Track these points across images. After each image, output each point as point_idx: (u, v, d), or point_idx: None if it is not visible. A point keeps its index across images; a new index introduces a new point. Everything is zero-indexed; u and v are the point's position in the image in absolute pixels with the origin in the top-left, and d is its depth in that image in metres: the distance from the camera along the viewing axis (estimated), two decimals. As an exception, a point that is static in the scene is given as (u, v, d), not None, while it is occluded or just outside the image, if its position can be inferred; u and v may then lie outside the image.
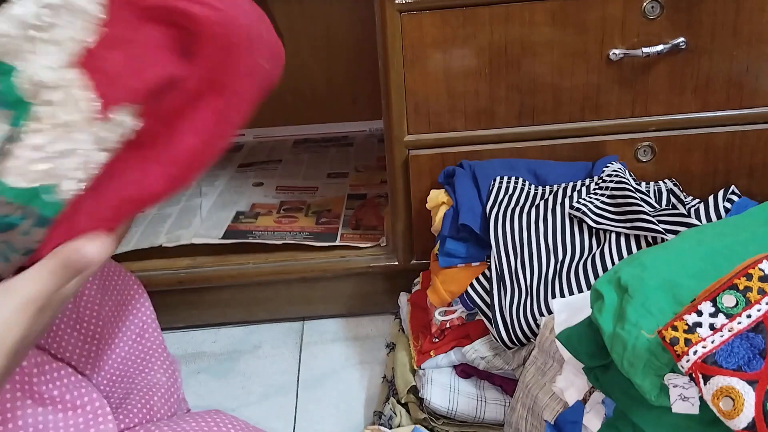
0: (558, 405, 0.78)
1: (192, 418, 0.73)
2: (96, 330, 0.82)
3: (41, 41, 0.46)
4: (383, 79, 1.07)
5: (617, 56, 1.02)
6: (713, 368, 0.55)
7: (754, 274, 0.58)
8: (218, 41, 0.49)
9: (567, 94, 1.06)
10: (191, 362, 1.25)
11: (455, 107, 1.07)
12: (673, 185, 1.07)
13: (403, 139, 1.10)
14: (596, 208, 0.98)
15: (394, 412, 1.03)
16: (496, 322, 0.93)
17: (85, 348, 0.81)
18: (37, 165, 0.46)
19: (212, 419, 0.73)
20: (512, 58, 1.04)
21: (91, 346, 0.81)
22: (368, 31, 1.15)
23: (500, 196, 1.02)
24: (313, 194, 1.43)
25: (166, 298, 1.23)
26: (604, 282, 0.67)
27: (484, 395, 1.00)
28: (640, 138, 1.09)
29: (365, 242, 1.25)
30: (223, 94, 0.51)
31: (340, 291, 1.29)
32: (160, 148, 0.51)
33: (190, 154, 0.51)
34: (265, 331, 1.30)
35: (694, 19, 1.01)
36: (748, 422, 0.54)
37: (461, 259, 1.01)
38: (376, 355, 1.23)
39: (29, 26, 0.45)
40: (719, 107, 1.07)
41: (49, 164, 0.46)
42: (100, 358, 0.82)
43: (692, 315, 0.58)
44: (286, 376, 1.21)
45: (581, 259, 0.95)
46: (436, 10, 1.01)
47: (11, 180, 0.45)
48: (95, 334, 0.82)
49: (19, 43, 0.45)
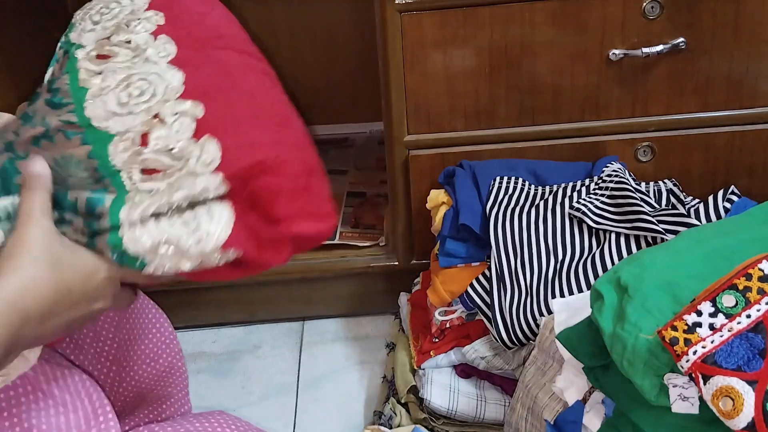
0: (558, 405, 0.78)
1: (196, 419, 0.74)
2: (110, 352, 0.82)
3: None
4: (383, 79, 1.07)
5: (617, 56, 1.02)
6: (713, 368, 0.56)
7: (753, 274, 0.58)
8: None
9: (567, 95, 1.06)
10: (191, 362, 1.25)
11: (455, 107, 1.07)
12: (673, 185, 1.07)
13: (403, 139, 1.10)
14: (596, 208, 0.98)
15: (394, 412, 1.03)
16: (496, 322, 0.93)
17: (103, 371, 0.81)
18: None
19: (216, 420, 0.73)
20: (512, 59, 1.04)
21: (110, 370, 0.82)
22: (368, 31, 1.15)
23: (500, 196, 1.02)
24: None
25: (166, 298, 1.23)
26: (603, 282, 0.67)
27: (484, 395, 1.00)
28: (640, 138, 1.09)
29: (364, 241, 1.25)
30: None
31: (340, 291, 1.29)
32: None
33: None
34: (265, 331, 1.30)
35: (694, 19, 1.01)
36: (748, 422, 0.54)
37: (461, 259, 1.01)
38: (376, 355, 1.23)
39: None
40: (719, 107, 1.07)
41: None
42: (114, 380, 0.82)
43: (692, 315, 0.58)
44: (286, 376, 1.21)
45: (581, 259, 0.95)
46: (436, 10, 1.01)
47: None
48: (109, 355, 0.82)
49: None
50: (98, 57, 0.60)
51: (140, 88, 0.58)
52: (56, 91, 0.60)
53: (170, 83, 0.58)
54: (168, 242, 0.55)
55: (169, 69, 0.59)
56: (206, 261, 0.56)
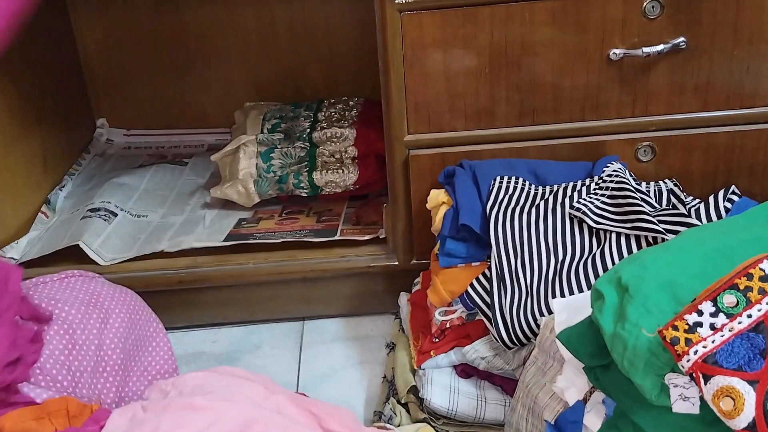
0: (558, 405, 0.78)
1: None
2: (113, 367, 0.83)
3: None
4: (383, 79, 1.07)
5: (617, 56, 1.02)
6: (714, 368, 0.55)
7: (754, 274, 0.58)
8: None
9: (567, 94, 1.06)
10: (191, 362, 1.25)
11: (455, 107, 1.07)
12: (673, 185, 1.07)
13: (403, 139, 1.10)
14: (596, 208, 0.98)
15: (394, 412, 1.03)
16: (496, 322, 0.93)
17: (105, 386, 0.82)
18: None
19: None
20: (512, 58, 1.04)
21: (111, 385, 0.82)
22: (368, 31, 1.15)
23: (500, 195, 1.02)
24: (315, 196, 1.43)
25: (166, 298, 1.23)
26: (604, 282, 0.67)
27: (484, 395, 1.00)
28: (641, 138, 1.09)
29: (364, 235, 1.25)
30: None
31: (340, 291, 1.29)
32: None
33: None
34: (265, 331, 1.30)
35: (694, 18, 1.01)
36: (749, 422, 0.54)
37: (461, 259, 1.01)
38: (376, 355, 1.23)
39: None
40: (719, 107, 1.07)
41: None
42: (117, 393, 0.83)
43: (693, 315, 0.58)
44: (286, 376, 1.21)
45: (581, 259, 0.95)
46: (437, 10, 1.01)
47: None
48: (112, 371, 0.82)
49: None
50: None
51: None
52: None
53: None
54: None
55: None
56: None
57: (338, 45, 1.55)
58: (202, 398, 0.67)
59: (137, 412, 0.68)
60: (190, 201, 1.43)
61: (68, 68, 1.55)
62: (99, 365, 0.82)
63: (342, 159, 1.34)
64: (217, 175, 1.44)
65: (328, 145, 1.34)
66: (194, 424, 0.63)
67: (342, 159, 1.34)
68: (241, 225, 1.33)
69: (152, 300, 1.02)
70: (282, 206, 1.39)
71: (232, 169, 1.37)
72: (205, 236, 1.30)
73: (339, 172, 1.34)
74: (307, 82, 1.58)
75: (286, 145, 1.35)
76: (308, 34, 1.54)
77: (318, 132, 1.35)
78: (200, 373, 0.75)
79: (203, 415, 0.64)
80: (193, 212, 1.39)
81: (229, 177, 1.37)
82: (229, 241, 1.28)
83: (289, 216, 1.36)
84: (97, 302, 0.85)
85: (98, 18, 1.54)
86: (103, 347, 0.82)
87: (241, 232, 1.31)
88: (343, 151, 1.33)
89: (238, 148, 1.37)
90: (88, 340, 0.81)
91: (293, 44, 1.55)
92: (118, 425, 0.67)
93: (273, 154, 1.35)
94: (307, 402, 0.73)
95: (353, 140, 1.33)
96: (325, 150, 1.34)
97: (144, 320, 0.91)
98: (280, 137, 1.36)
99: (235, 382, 0.73)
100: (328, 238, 1.26)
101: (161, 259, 1.25)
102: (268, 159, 1.35)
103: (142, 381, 0.88)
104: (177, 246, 1.26)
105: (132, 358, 0.87)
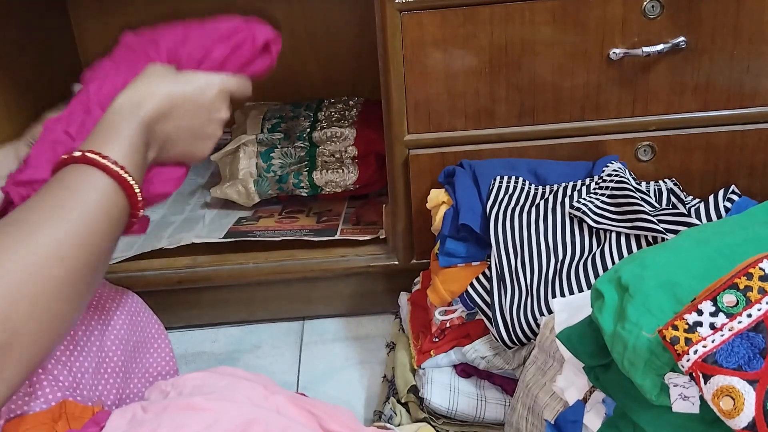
0: (558, 404, 0.78)
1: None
2: (114, 369, 0.83)
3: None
4: (383, 79, 1.07)
5: (617, 56, 1.02)
6: (713, 367, 0.55)
7: (754, 274, 0.58)
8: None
9: (567, 94, 1.06)
10: (191, 362, 1.25)
11: (455, 107, 1.07)
12: (673, 185, 1.07)
13: (403, 139, 1.10)
14: (596, 207, 0.98)
15: (394, 412, 1.03)
16: (497, 322, 0.93)
17: (106, 387, 0.82)
18: None
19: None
20: (512, 58, 1.04)
21: (112, 387, 0.82)
22: (368, 31, 1.15)
23: (500, 195, 1.02)
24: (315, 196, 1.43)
25: (166, 297, 1.23)
26: (604, 281, 0.67)
27: (484, 395, 1.00)
28: (641, 137, 1.09)
29: (364, 235, 1.25)
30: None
31: (340, 291, 1.29)
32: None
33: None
34: (265, 331, 1.30)
35: (694, 18, 1.01)
36: (749, 422, 0.54)
37: (461, 258, 1.01)
38: (376, 354, 1.23)
39: None
40: (719, 107, 1.07)
41: None
42: (117, 395, 0.83)
43: (693, 314, 0.58)
44: (286, 376, 1.21)
45: (581, 259, 0.95)
46: (436, 10, 1.01)
47: None
48: (113, 372, 0.83)
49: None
50: None
51: None
52: None
53: None
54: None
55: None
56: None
57: (338, 45, 1.55)
58: (202, 398, 0.67)
59: (137, 413, 0.68)
60: (190, 200, 1.43)
61: (68, 68, 1.55)
62: (101, 366, 0.82)
63: (342, 159, 1.34)
64: (217, 174, 1.44)
65: (328, 144, 1.34)
66: (194, 425, 0.63)
67: (342, 159, 1.34)
68: (240, 223, 1.34)
69: (152, 300, 1.02)
70: (282, 206, 1.39)
71: (232, 168, 1.37)
72: (205, 233, 1.30)
73: (339, 171, 1.34)
74: (307, 82, 1.58)
75: (286, 145, 1.35)
76: (308, 34, 1.54)
77: (318, 132, 1.35)
78: (200, 373, 0.75)
79: (203, 415, 0.64)
80: (193, 212, 1.39)
81: (229, 176, 1.37)
82: (229, 237, 1.28)
83: (289, 215, 1.36)
84: (99, 304, 0.85)
85: (98, 18, 1.54)
86: (104, 348, 0.82)
87: (240, 229, 1.31)
88: (343, 150, 1.33)
89: (238, 147, 1.37)
90: (89, 342, 0.81)
91: (293, 44, 1.55)
92: (118, 425, 0.67)
93: (273, 154, 1.35)
94: (307, 402, 0.73)
95: (353, 140, 1.33)
96: (325, 150, 1.34)
97: (145, 322, 0.91)
98: (280, 137, 1.36)
99: (235, 383, 0.73)
100: (328, 238, 1.26)
101: (161, 259, 1.25)
102: (268, 159, 1.35)
103: (143, 383, 0.88)
104: (177, 243, 1.26)
105: (133, 360, 0.87)
